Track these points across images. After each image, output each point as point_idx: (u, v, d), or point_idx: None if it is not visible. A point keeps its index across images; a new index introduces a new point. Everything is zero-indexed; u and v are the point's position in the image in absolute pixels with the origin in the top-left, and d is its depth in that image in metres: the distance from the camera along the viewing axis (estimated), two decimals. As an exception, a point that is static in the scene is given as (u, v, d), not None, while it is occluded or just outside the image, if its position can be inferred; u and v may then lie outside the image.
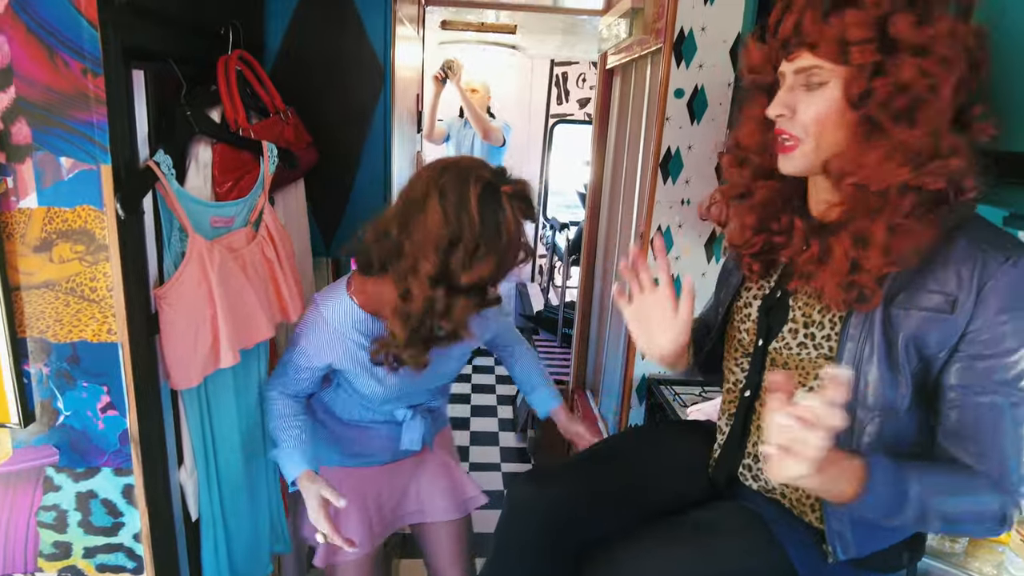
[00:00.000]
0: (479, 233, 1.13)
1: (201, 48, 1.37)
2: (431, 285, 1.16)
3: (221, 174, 1.32)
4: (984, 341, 0.86)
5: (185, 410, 1.32)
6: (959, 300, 0.87)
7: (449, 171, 1.16)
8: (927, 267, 0.89)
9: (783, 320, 1.02)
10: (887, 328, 0.91)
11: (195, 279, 1.21)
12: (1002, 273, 0.85)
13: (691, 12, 1.85)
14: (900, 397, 0.91)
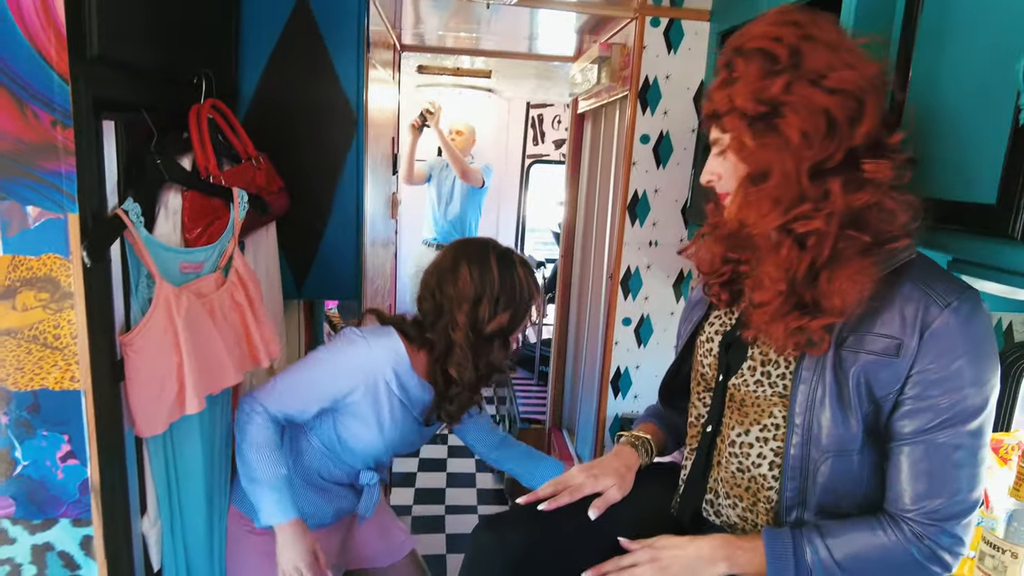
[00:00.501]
0: (499, 289, 1.40)
1: (174, 97, 1.40)
2: (466, 333, 1.40)
3: (191, 220, 1.34)
4: (927, 384, 0.89)
5: (149, 457, 1.31)
6: (904, 344, 0.90)
7: (472, 244, 1.47)
8: (875, 310, 0.92)
9: (742, 357, 1.05)
10: (838, 370, 0.94)
11: (161, 325, 1.21)
12: (943, 318, 0.88)
13: (655, 61, 1.93)
14: (851, 438, 0.94)
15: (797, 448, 0.97)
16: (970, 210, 0.97)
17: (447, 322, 1.41)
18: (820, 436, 0.95)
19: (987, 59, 0.94)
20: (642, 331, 2.12)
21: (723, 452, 1.08)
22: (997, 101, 0.91)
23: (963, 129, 0.99)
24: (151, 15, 1.27)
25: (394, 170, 2.62)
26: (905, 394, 0.90)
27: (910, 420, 0.90)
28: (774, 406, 1.00)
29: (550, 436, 3.09)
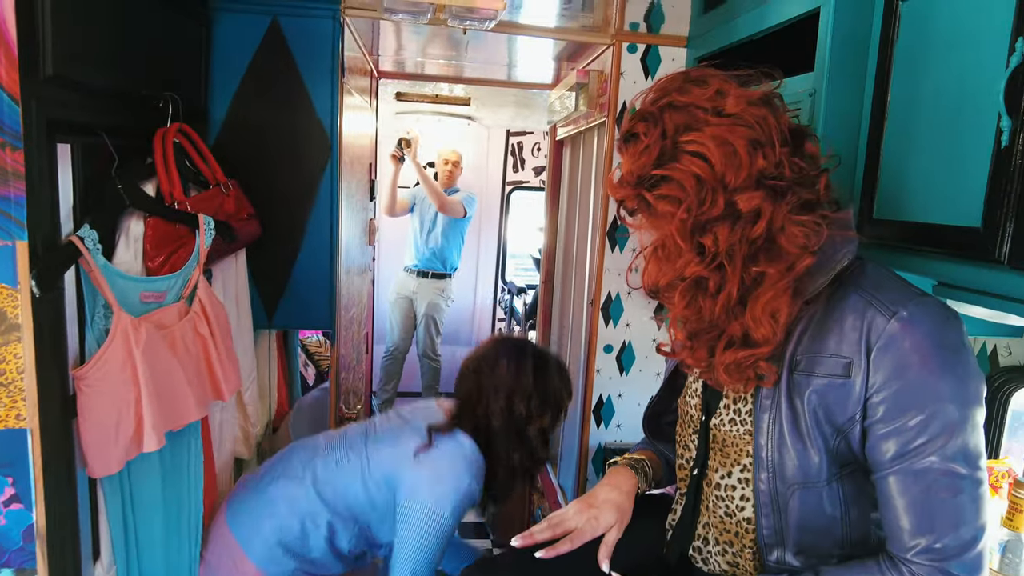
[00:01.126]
0: (532, 388, 1.50)
1: (138, 120, 1.35)
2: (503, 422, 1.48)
3: (153, 248, 1.28)
4: (889, 404, 0.83)
5: (105, 499, 1.23)
6: (853, 363, 0.86)
7: (511, 342, 1.58)
8: (824, 329, 0.89)
9: (718, 396, 1.02)
10: (792, 398, 0.90)
11: (118, 358, 1.15)
12: (890, 329, 0.83)
13: (632, 87, 1.93)
14: (814, 469, 0.89)
15: (765, 483, 0.93)
16: (953, 233, 0.96)
17: (484, 410, 1.49)
18: (784, 469, 0.91)
19: (966, 81, 0.93)
20: (624, 358, 2.08)
21: (710, 496, 1.04)
22: (977, 122, 0.90)
23: (943, 151, 0.98)
24: (113, 34, 1.22)
25: (371, 196, 2.58)
26: (870, 418, 0.85)
27: (884, 446, 0.84)
28: (747, 444, 0.97)
29: (532, 467, 3.02)
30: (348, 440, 1.52)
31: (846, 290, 0.89)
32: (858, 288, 0.88)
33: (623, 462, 1.21)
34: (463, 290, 4.87)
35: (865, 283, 0.89)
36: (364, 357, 2.63)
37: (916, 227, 1.03)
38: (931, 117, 1.00)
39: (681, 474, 1.12)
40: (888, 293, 0.86)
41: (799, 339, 0.91)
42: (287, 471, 1.48)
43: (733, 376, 0.91)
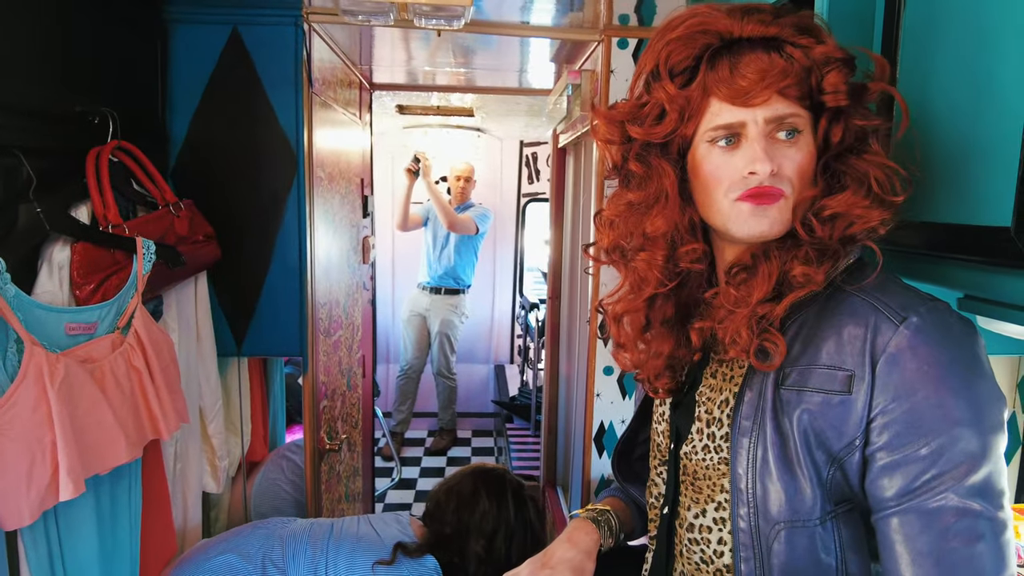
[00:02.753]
0: (514, 526, 1.52)
1: (74, 140, 1.26)
2: (480, 562, 1.48)
3: (81, 276, 1.18)
4: (896, 428, 0.67)
5: (25, 552, 1.11)
6: (855, 376, 0.70)
7: (490, 474, 1.59)
8: (818, 335, 0.74)
9: (690, 418, 0.86)
10: (779, 417, 0.74)
11: (31, 399, 1.04)
12: (900, 338, 0.68)
13: (624, 85, 1.76)
14: (805, 505, 0.73)
15: (745, 520, 0.77)
16: (979, 235, 0.78)
17: (460, 548, 1.48)
18: (767, 503, 0.74)
19: (989, 58, 0.76)
20: (626, 381, 1.90)
21: (683, 539, 0.87)
22: (1005, 105, 0.73)
23: (964, 141, 0.80)
24: (36, 49, 1.13)
25: (364, 213, 2.47)
26: (872, 444, 0.69)
27: (888, 480, 0.68)
28: (723, 476, 0.80)
29: (543, 494, 2.85)
30: (312, 533, 1.46)
31: (845, 292, 0.75)
32: (859, 290, 0.74)
33: (584, 514, 1.04)
34: (480, 306, 4.74)
35: (866, 285, 0.74)
36: (360, 381, 2.51)
37: (934, 229, 0.85)
38: (947, 102, 0.83)
39: (651, 514, 0.96)
40: (895, 296, 0.72)
41: (789, 347, 0.75)
42: (240, 547, 1.41)
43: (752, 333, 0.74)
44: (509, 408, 3.93)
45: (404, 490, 3.81)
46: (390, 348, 4.77)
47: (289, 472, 1.91)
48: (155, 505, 1.39)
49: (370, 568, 1.37)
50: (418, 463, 4.17)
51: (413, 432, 4.52)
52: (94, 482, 1.18)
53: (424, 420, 4.61)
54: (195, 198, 1.51)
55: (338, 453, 2.04)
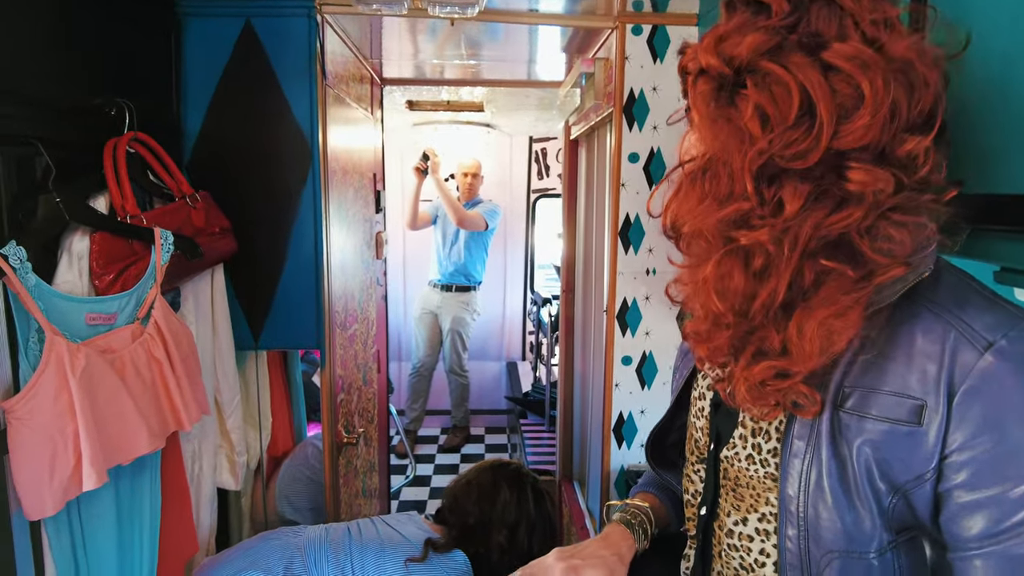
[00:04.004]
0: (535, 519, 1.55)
1: (91, 132, 1.26)
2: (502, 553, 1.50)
3: (100, 266, 1.18)
4: (978, 466, 0.61)
5: (49, 542, 1.11)
6: (927, 407, 0.63)
7: (508, 468, 1.63)
8: (885, 355, 0.66)
9: (733, 422, 0.81)
10: (837, 441, 0.68)
11: (52, 388, 1.04)
12: (984, 367, 0.61)
13: (640, 72, 1.76)
14: (864, 535, 0.68)
15: (794, 542, 0.72)
16: (1017, 205, 0.76)
17: (483, 539, 1.50)
18: (820, 529, 0.69)
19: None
20: (645, 371, 1.89)
21: (722, 542, 0.83)
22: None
23: (1005, 98, 0.77)
24: (53, 40, 1.13)
25: (377, 208, 2.46)
26: (948, 481, 0.63)
27: (969, 520, 0.62)
28: (769, 491, 0.76)
29: (560, 489, 2.83)
30: (331, 539, 1.45)
31: (915, 306, 0.66)
32: (932, 303, 0.66)
33: (618, 517, 1.02)
34: (491, 303, 4.73)
35: (941, 297, 0.66)
36: (376, 377, 2.50)
37: (968, 200, 0.83)
38: (985, 52, 0.80)
39: (689, 512, 0.92)
40: (977, 314, 0.63)
41: (849, 366, 0.68)
42: (259, 562, 1.38)
43: (755, 397, 0.70)
44: (523, 404, 3.91)
45: (419, 487, 3.81)
46: (402, 346, 4.76)
47: (313, 458, 1.92)
48: (175, 500, 1.39)
49: (400, 566, 1.36)
50: (432, 460, 4.17)
51: (426, 430, 4.51)
52: (115, 474, 1.17)
53: (437, 418, 4.61)
54: (210, 191, 1.51)
55: (355, 447, 2.04)
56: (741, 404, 0.73)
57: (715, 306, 0.69)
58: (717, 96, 0.66)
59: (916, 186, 0.64)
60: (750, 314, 0.67)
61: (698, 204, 0.67)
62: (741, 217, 0.65)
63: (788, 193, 0.62)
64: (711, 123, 0.67)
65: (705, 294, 0.69)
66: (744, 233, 0.64)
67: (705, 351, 0.74)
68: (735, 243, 0.66)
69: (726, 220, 0.65)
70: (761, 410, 0.72)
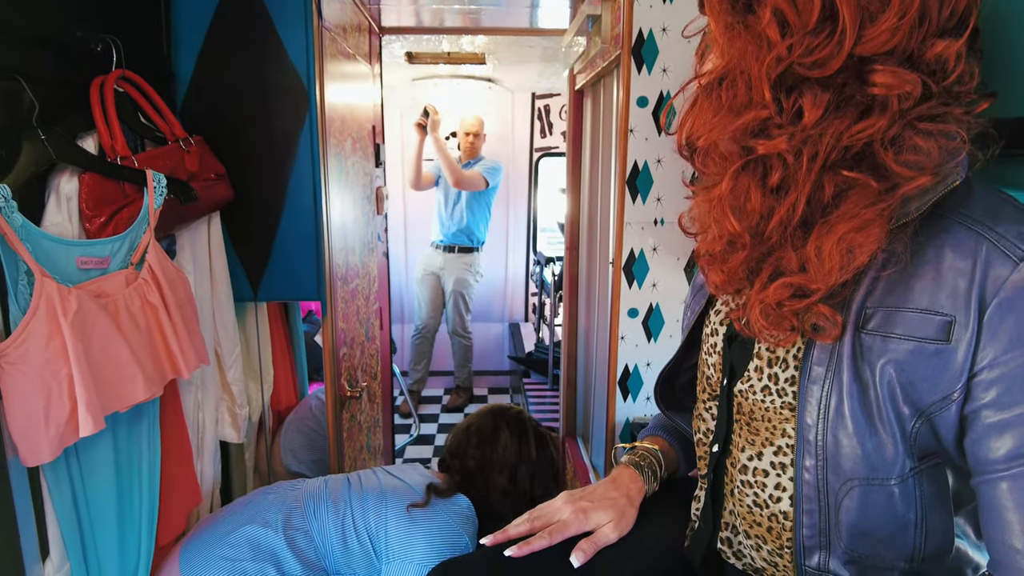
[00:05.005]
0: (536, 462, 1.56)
1: (76, 68, 1.20)
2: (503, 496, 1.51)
3: (90, 208, 1.13)
4: (1009, 382, 0.59)
5: (49, 490, 1.09)
6: (956, 322, 0.60)
7: (509, 412, 1.63)
8: (910, 272, 0.64)
9: (747, 355, 0.78)
10: (859, 364, 0.65)
11: (44, 332, 1.01)
12: (1018, 280, 0.58)
13: (649, 12, 1.68)
14: (886, 462, 0.65)
15: (811, 473, 0.70)
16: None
17: (484, 482, 1.50)
18: (839, 458, 0.67)
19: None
20: (651, 323, 1.85)
21: (735, 479, 0.81)
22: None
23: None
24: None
25: (377, 162, 2.40)
26: (976, 401, 0.60)
27: (997, 440, 0.59)
28: (786, 422, 0.73)
29: (564, 446, 2.83)
30: (331, 490, 1.42)
31: (944, 219, 0.63)
32: (962, 216, 0.63)
33: (627, 460, 1.00)
34: (493, 264, 4.69)
35: (973, 210, 0.63)
36: (378, 333, 2.47)
37: (1004, 123, 0.78)
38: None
39: (700, 451, 0.90)
40: (1012, 225, 0.61)
41: (872, 284, 0.66)
42: (257, 516, 1.36)
43: (771, 320, 0.68)
44: (526, 363, 3.90)
45: (422, 445, 3.83)
46: (404, 308, 4.74)
47: (317, 410, 1.92)
48: (175, 450, 1.37)
49: (402, 512, 1.35)
50: (435, 420, 4.18)
51: (430, 390, 4.52)
52: (112, 421, 1.15)
53: (440, 379, 4.61)
54: (204, 138, 1.46)
55: (359, 401, 2.02)
56: (757, 330, 0.71)
57: (731, 226, 0.66)
58: (734, 2, 0.63)
59: (945, 95, 0.61)
60: (767, 233, 0.65)
61: (714, 116, 0.65)
62: (759, 126, 0.62)
63: (808, 102, 0.60)
64: (728, 30, 0.64)
65: (720, 212, 0.67)
66: (762, 142, 0.62)
67: (720, 276, 0.71)
68: (752, 155, 0.63)
69: (743, 129, 0.63)
70: (776, 336, 0.70)
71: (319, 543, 1.33)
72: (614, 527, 0.90)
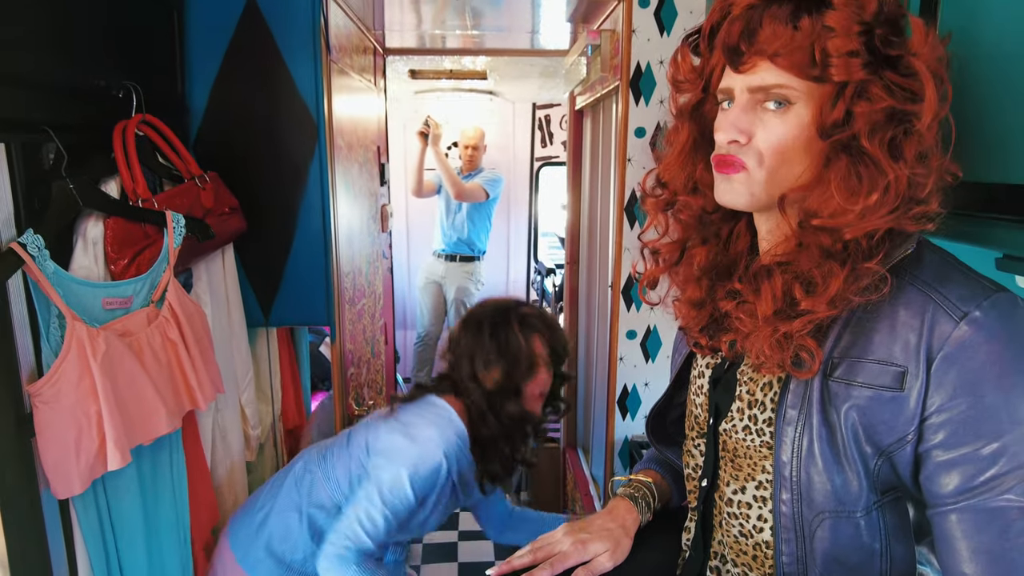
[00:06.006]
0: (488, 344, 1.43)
1: (99, 114, 1.26)
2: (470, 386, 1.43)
3: (115, 250, 1.19)
4: (955, 426, 0.66)
5: (78, 520, 1.16)
6: (908, 372, 0.68)
7: (488, 305, 1.53)
8: (870, 327, 0.71)
9: (731, 396, 0.85)
10: (827, 408, 0.73)
11: (75, 371, 1.07)
12: (960, 333, 0.65)
13: (646, 46, 1.74)
14: (852, 496, 0.73)
15: (788, 506, 0.77)
16: (1019, 194, 0.77)
17: (461, 375, 1.45)
18: (812, 492, 0.74)
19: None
20: (649, 344, 1.92)
21: (722, 511, 0.88)
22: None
23: (1012, 87, 0.78)
24: (57, 24, 1.12)
25: (382, 181, 2.46)
26: (927, 442, 0.68)
27: (946, 477, 0.67)
28: (765, 459, 0.80)
29: (564, 456, 2.90)
30: (348, 435, 1.48)
31: (898, 280, 0.71)
32: (914, 279, 0.70)
33: (622, 492, 1.07)
34: (495, 272, 4.74)
35: (923, 273, 0.71)
36: (383, 349, 2.54)
37: (973, 188, 0.83)
38: (995, 38, 0.80)
39: (690, 485, 0.97)
40: (955, 287, 0.68)
41: (838, 337, 0.73)
42: (286, 473, 1.44)
43: (774, 351, 0.73)
44: (527, 372, 3.95)
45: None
46: (407, 315, 4.80)
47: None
48: (194, 474, 1.43)
49: (393, 424, 1.37)
50: (438, 427, 4.23)
51: (432, 397, 4.57)
52: (136, 452, 1.21)
53: (443, 385, 4.66)
54: (217, 169, 1.52)
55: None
56: (755, 356, 0.76)
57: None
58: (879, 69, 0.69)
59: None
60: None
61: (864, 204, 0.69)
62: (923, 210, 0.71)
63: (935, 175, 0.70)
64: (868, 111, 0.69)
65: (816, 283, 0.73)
66: (912, 223, 0.70)
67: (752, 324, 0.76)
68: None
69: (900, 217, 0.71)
70: (771, 363, 0.75)
71: (337, 486, 1.38)
72: (610, 556, 0.97)
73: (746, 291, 0.78)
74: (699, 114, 0.82)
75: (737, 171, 0.74)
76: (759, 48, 0.69)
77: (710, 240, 0.87)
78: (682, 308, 0.90)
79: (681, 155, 0.84)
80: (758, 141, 0.72)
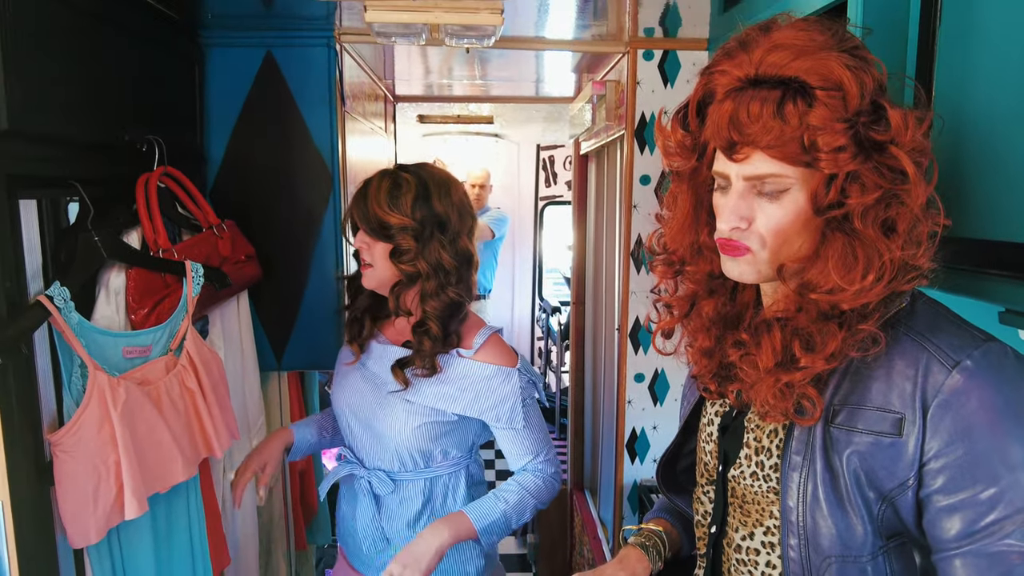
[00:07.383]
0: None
1: (122, 167, 1.30)
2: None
3: (136, 300, 1.22)
4: (953, 472, 0.68)
5: (91, 568, 1.16)
6: (905, 419, 0.71)
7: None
8: (869, 376, 0.74)
9: (739, 443, 0.87)
10: (830, 454, 0.75)
11: (95, 421, 1.09)
12: (953, 381, 0.69)
13: (651, 97, 1.79)
14: (857, 541, 0.75)
15: (795, 551, 0.79)
16: (1019, 251, 0.79)
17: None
18: (818, 537, 0.76)
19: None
20: (657, 387, 1.93)
21: (731, 558, 0.89)
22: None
23: (1008, 150, 0.81)
24: (82, 82, 1.17)
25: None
26: (927, 487, 0.70)
27: (948, 522, 0.69)
28: (772, 504, 0.82)
29: (572, 498, 2.87)
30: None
31: (894, 331, 0.74)
32: (909, 329, 0.74)
33: (633, 541, 1.08)
34: (500, 310, 4.77)
35: (917, 323, 0.74)
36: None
37: (973, 244, 0.86)
38: (989, 107, 0.84)
39: (699, 532, 0.98)
40: (947, 337, 0.72)
41: (837, 385, 0.76)
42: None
43: (777, 400, 0.76)
44: (533, 411, 3.95)
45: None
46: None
47: None
48: (207, 519, 1.43)
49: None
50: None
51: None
52: (151, 500, 1.22)
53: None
54: (233, 217, 1.55)
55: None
56: (760, 405, 0.79)
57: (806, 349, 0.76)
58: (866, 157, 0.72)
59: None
60: None
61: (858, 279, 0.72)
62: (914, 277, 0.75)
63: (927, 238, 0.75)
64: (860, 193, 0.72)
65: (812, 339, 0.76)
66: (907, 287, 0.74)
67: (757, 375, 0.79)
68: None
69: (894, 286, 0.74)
70: (775, 412, 0.78)
71: None
72: None
73: (750, 343, 0.81)
74: (696, 181, 0.85)
75: (743, 254, 0.77)
76: (751, 139, 0.72)
77: (717, 292, 0.90)
78: (694, 355, 0.92)
79: (684, 224, 0.87)
80: (759, 225, 0.76)
